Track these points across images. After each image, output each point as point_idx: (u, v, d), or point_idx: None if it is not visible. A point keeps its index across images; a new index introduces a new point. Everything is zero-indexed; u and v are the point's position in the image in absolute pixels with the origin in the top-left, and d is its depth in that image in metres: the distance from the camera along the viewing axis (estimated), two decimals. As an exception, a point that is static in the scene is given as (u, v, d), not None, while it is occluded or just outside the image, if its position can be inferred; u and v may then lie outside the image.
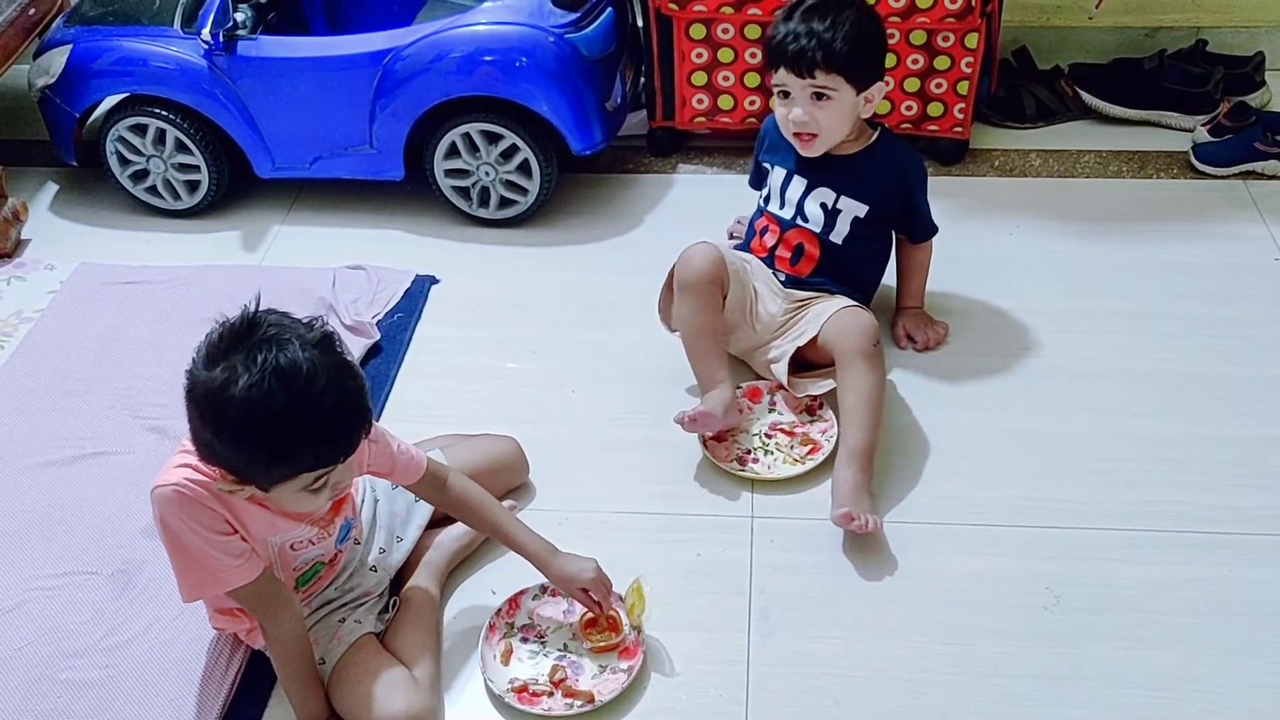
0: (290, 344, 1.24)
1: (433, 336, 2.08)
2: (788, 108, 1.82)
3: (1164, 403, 1.87)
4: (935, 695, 1.49)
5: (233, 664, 1.54)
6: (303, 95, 2.23)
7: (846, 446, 1.71)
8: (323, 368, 1.24)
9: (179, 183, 2.37)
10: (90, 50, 2.27)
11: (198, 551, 1.35)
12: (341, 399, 1.26)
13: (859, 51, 1.77)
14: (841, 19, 1.77)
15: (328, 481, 1.32)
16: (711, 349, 1.83)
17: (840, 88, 1.78)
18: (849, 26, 1.77)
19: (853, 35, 1.76)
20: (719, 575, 1.65)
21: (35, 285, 2.23)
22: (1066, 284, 2.11)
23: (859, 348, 1.77)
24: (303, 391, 1.23)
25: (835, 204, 1.87)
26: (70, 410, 1.95)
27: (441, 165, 2.27)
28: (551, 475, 1.79)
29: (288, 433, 1.24)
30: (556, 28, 2.16)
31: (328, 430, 1.27)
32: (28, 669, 1.55)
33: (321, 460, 1.29)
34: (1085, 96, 2.51)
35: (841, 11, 1.78)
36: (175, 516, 1.33)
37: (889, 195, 1.88)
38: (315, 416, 1.24)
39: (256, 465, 1.28)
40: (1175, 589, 1.60)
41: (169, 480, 1.34)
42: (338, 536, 1.52)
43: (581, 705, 1.48)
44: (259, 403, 1.21)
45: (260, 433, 1.24)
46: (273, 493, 1.31)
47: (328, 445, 1.28)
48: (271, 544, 1.43)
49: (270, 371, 1.22)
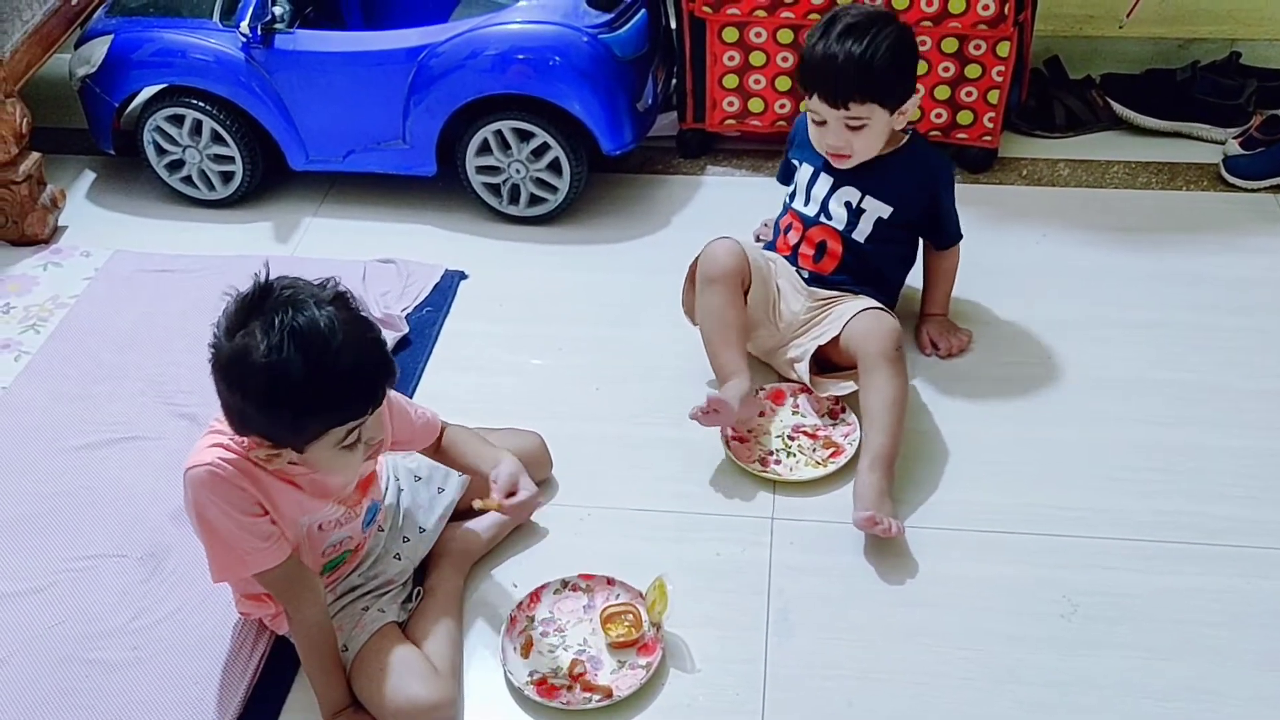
0: (306, 304, 1.27)
1: (461, 331, 2.11)
2: (822, 133, 1.84)
3: (1187, 414, 1.87)
4: (949, 700, 1.50)
5: (257, 649, 1.57)
6: (337, 89, 2.25)
7: (869, 450, 1.72)
8: (340, 324, 1.27)
9: (214, 173, 2.40)
10: (131, 41, 2.31)
11: (228, 533, 1.37)
12: (361, 352, 1.29)
13: (892, 78, 1.77)
14: (875, 43, 1.75)
15: (360, 437, 1.34)
16: (732, 341, 1.82)
17: (874, 114, 1.79)
18: (883, 52, 1.75)
19: (886, 62, 1.75)
20: (738, 575, 1.67)
21: (71, 271, 2.27)
22: (1092, 293, 2.11)
23: (882, 351, 1.77)
24: (322, 349, 1.25)
25: (860, 203, 1.88)
26: (103, 395, 1.98)
27: (473, 162, 2.29)
28: (574, 471, 1.81)
29: (313, 391, 1.26)
30: (590, 28, 2.18)
31: (351, 384, 1.29)
32: (57, 648, 1.58)
33: (349, 414, 1.31)
34: (1116, 107, 2.51)
35: (875, 35, 1.76)
36: (208, 497, 1.36)
37: (915, 198, 1.89)
38: (337, 372, 1.27)
39: (287, 426, 1.31)
40: (1191, 600, 1.60)
41: (202, 460, 1.37)
42: (365, 518, 1.54)
43: (600, 699, 1.50)
44: (281, 364, 1.24)
45: (286, 393, 1.26)
46: (309, 454, 1.34)
47: (353, 399, 1.31)
48: (300, 524, 1.45)
49: (288, 333, 1.25)
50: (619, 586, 1.62)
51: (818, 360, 1.86)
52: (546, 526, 1.75)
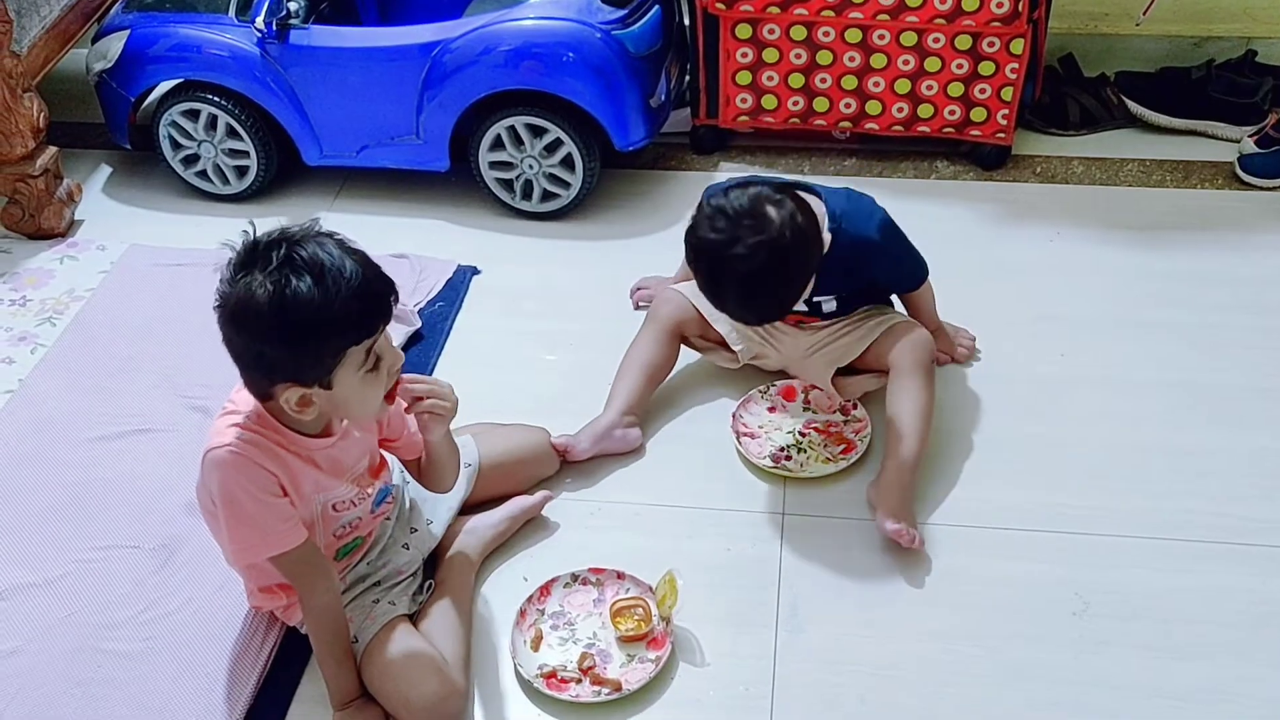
0: (296, 241, 1.30)
1: (473, 326, 2.11)
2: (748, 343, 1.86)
3: (1202, 413, 1.86)
4: (961, 697, 1.50)
5: (268, 640, 1.57)
6: (352, 85, 2.26)
7: (896, 457, 1.71)
8: (334, 245, 1.31)
9: (228, 168, 2.41)
10: (147, 36, 2.32)
11: (249, 513, 1.38)
12: (361, 266, 1.31)
13: (786, 301, 1.67)
14: (757, 280, 1.60)
15: (380, 361, 1.35)
16: (630, 376, 1.84)
17: (785, 322, 1.82)
18: (768, 292, 1.63)
19: (774, 299, 1.65)
20: (749, 570, 1.67)
21: (87, 265, 2.28)
22: (1106, 291, 2.10)
23: (918, 361, 1.78)
24: (322, 270, 1.28)
25: (810, 298, 1.80)
26: (117, 388, 1.99)
27: (486, 157, 2.29)
28: (585, 466, 1.81)
29: (326, 309, 1.28)
30: (604, 24, 2.18)
31: (361, 297, 1.30)
32: (70, 638, 1.59)
33: (365, 329, 1.32)
34: (1131, 105, 2.50)
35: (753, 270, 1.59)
36: (230, 478, 1.37)
37: (863, 284, 1.83)
38: (341, 285, 1.28)
39: (310, 354, 1.31)
40: (1205, 599, 1.60)
41: (222, 442, 1.38)
42: (375, 498, 1.56)
43: (609, 693, 1.50)
44: (291, 292, 1.27)
45: (302, 318, 1.28)
46: (337, 386, 1.34)
47: (366, 313, 1.32)
48: (315, 503, 1.46)
49: (286, 264, 1.27)
50: (629, 581, 1.63)
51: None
52: (557, 521, 1.75)
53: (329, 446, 1.45)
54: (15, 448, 1.88)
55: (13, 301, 2.19)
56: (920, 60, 2.28)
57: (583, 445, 1.78)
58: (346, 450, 1.48)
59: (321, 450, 1.44)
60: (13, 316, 2.16)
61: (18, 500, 1.79)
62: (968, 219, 2.29)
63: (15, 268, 2.28)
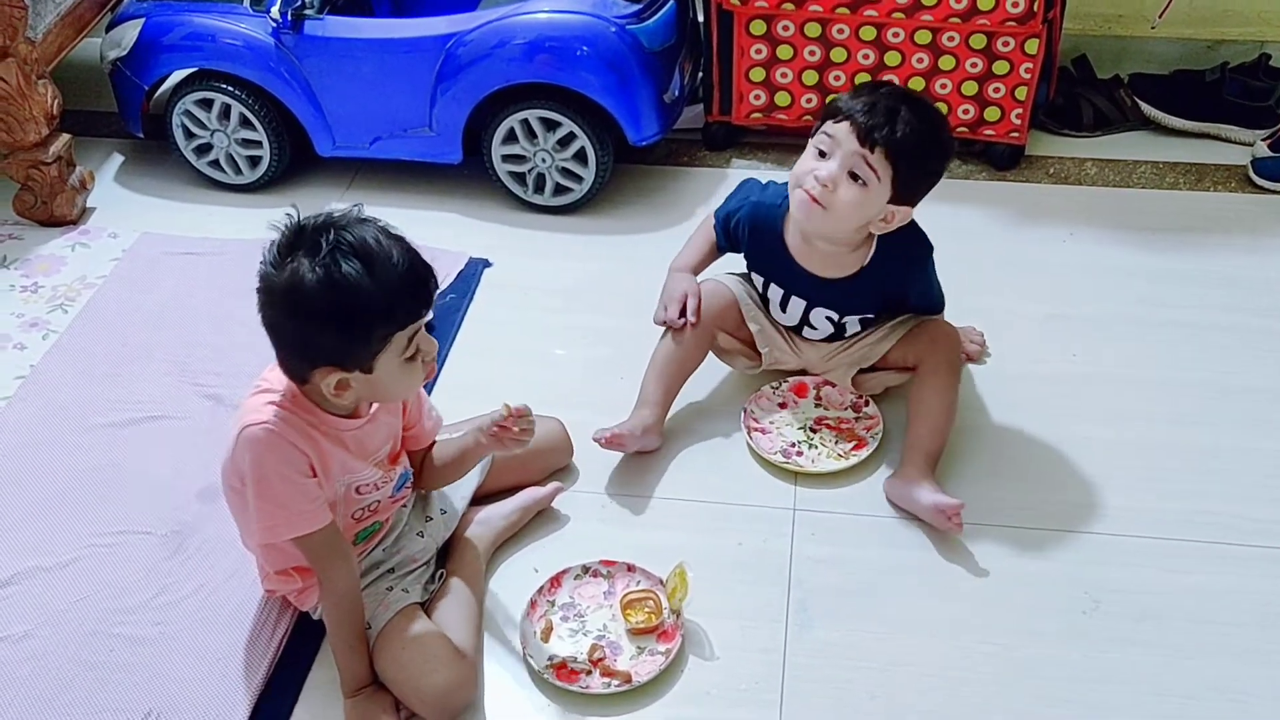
0: (343, 226, 1.32)
1: (484, 319, 2.11)
2: (817, 163, 1.66)
3: (1213, 414, 1.87)
4: (971, 693, 1.50)
5: (279, 627, 1.58)
6: (366, 76, 2.26)
7: (921, 449, 1.72)
8: (380, 233, 1.33)
9: (241, 158, 2.41)
10: (161, 25, 2.32)
11: (281, 492, 1.39)
12: (408, 255, 1.33)
13: (923, 165, 1.66)
14: (928, 126, 1.64)
15: (419, 349, 1.37)
16: (666, 376, 1.82)
17: (884, 180, 1.63)
18: (930, 136, 1.64)
19: (930, 148, 1.65)
20: (759, 565, 1.67)
21: (99, 252, 2.28)
22: (1118, 293, 2.11)
23: (948, 358, 1.79)
24: (371, 255, 1.30)
25: (840, 319, 1.82)
26: (129, 375, 1.99)
27: (499, 150, 2.29)
28: (596, 459, 1.81)
29: (374, 294, 1.29)
30: (619, 18, 2.18)
31: (407, 283, 1.33)
32: (83, 622, 1.60)
33: (410, 314, 1.34)
34: (1144, 107, 2.50)
35: (930, 123, 1.65)
36: (263, 456, 1.38)
37: (892, 299, 1.82)
38: (389, 271, 1.30)
39: (355, 339, 1.33)
40: (1216, 599, 1.60)
41: (258, 419, 1.38)
42: (396, 483, 1.56)
43: (619, 685, 1.50)
44: (340, 276, 1.28)
45: (350, 302, 1.29)
46: (378, 370, 1.35)
47: (412, 299, 1.34)
48: (340, 484, 1.47)
49: (335, 249, 1.29)
50: (640, 573, 1.63)
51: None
52: (568, 513, 1.75)
53: (358, 428, 1.46)
54: (27, 433, 1.89)
55: (24, 288, 2.19)
56: (935, 58, 2.28)
57: (633, 445, 1.77)
58: (374, 433, 1.49)
59: (350, 431, 1.45)
60: (24, 303, 2.16)
61: (30, 485, 1.80)
62: (980, 218, 2.29)
63: (27, 254, 2.28)
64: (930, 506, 1.66)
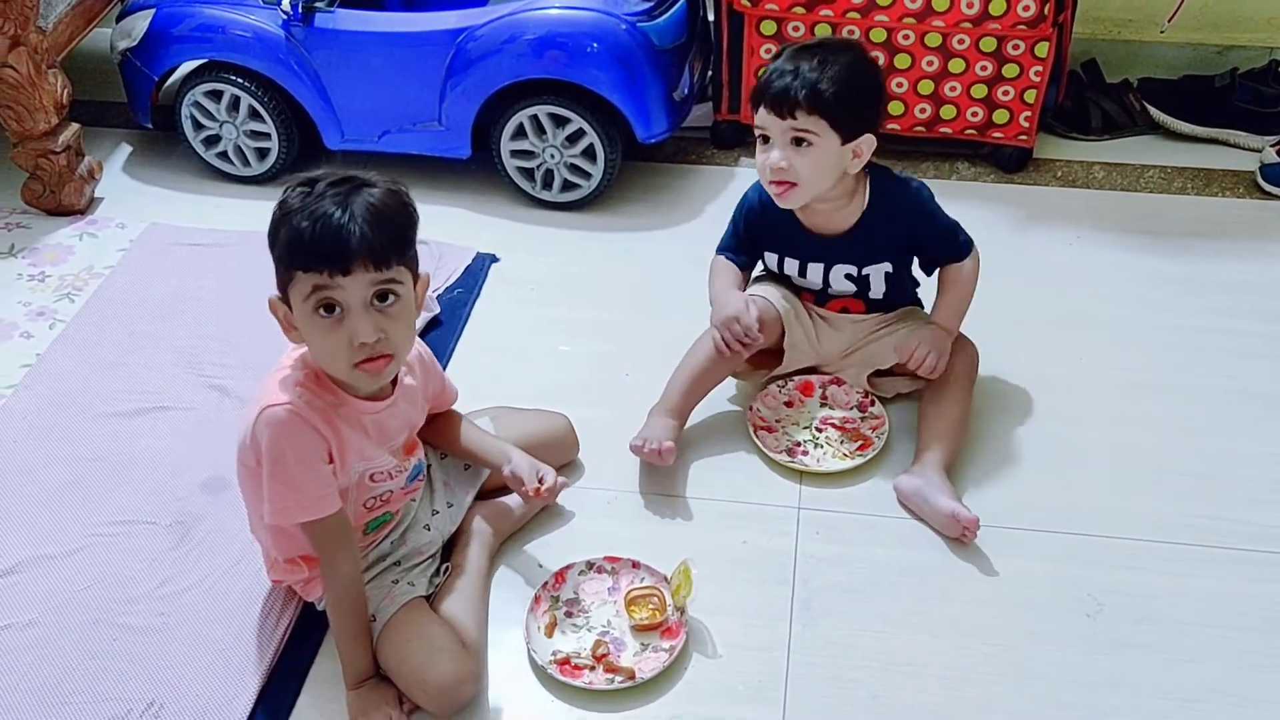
0: (370, 182, 1.37)
1: (491, 313, 2.11)
2: (766, 153, 1.71)
3: (1217, 419, 1.87)
4: (973, 694, 1.50)
5: (283, 618, 1.58)
6: (375, 69, 2.26)
7: (938, 454, 1.73)
8: (381, 189, 1.36)
9: (249, 149, 2.41)
10: (172, 16, 2.32)
11: (296, 476, 1.39)
12: (368, 213, 1.33)
13: (846, 95, 1.65)
14: (832, 61, 1.65)
15: (339, 314, 1.34)
16: (698, 393, 1.82)
17: (823, 133, 1.65)
18: (839, 69, 1.65)
19: (842, 78, 1.65)
20: (763, 564, 1.67)
21: (106, 242, 2.28)
22: (1124, 297, 2.11)
23: (967, 371, 1.80)
24: (339, 186, 1.34)
25: (861, 272, 1.83)
26: (135, 365, 1.99)
27: (508, 146, 2.30)
28: (602, 455, 1.81)
29: (294, 217, 1.33)
30: (629, 15, 2.18)
31: (326, 228, 1.31)
32: (87, 611, 1.60)
33: (312, 257, 1.32)
34: (1153, 111, 2.50)
35: (834, 54, 1.67)
36: (281, 437, 1.38)
37: (907, 241, 1.82)
38: (324, 213, 1.31)
39: (275, 256, 1.36)
40: (1218, 603, 1.60)
41: (279, 400, 1.39)
42: (409, 474, 1.56)
43: (622, 681, 1.50)
44: (288, 194, 1.36)
45: (277, 216, 1.36)
46: (295, 312, 1.37)
47: (322, 243, 1.32)
48: (354, 471, 1.47)
49: (334, 181, 1.35)
50: (644, 570, 1.63)
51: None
52: (573, 509, 1.75)
53: (377, 412, 1.46)
54: (33, 421, 1.89)
55: (32, 277, 2.20)
56: (944, 61, 2.28)
57: (670, 460, 1.76)
58: (393, 418, 1.49)
59: (371, 414, 1.46)
60: (31, 291, 2.16)
61: (36, 474, 1.80)
62: (988, 221, 2.29)
63: (35, 243, 2.28)
64: (948, 514, 1.66)
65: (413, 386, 1.54)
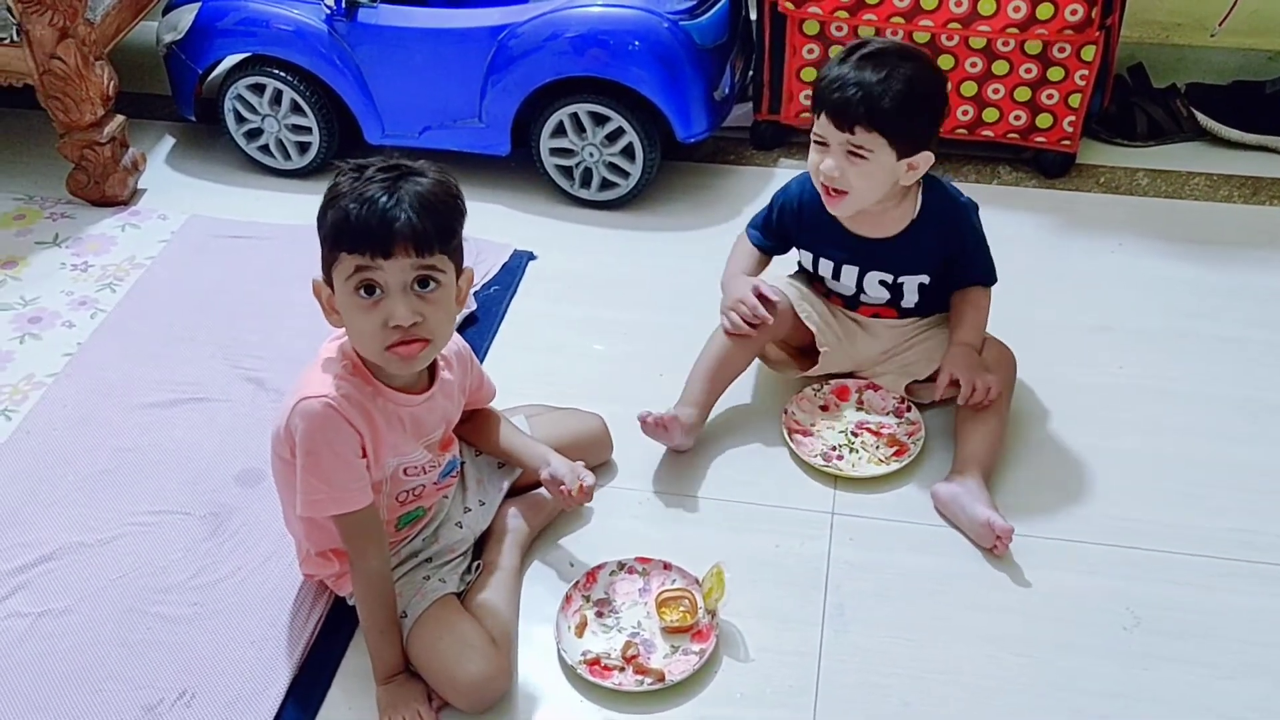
0: (419, 170, 1.38)
1: (527, 311, 2.11)
2: (821, 156, 1.70)
3: (1258, 431, 1.84)
4: (1005, 705, 1.49)
5: (314, 612, 1.58)
6: (417, 65, 2.27)
7: (978, 463, 1.71)
8: (431, 178, 1.37)
9: (291, 143, 2.43)
10: (217, 9, 2.34)
11: (329, 468, 1.40)
12: (416, 201, 1.34)
13: (907, 113, 1.62)
14: (896, 73, 1.62)
15: (375, 292, 1.35)
16: (716, 379, 1.81)
17: (879, 149, 1.64)
18: (902, 84, 1.61)
19: (904, 94, 1.61)
20: (796, 568, 1.66)
21: (148, 233, 2.30)
22: (1167, 305, 2.08)
23: (1008, 379, 1.79)
24: (390, 173, 1.35)
25: (896, 280, 1.81)
26: (173, 356, 2.01)
27: (547, 143, 2.29)
28: (634, 455, 1.81)
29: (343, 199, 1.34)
30: (672, 14, 2.18)
31: (373, 212, 1.32)
32: (121, 599, 1.61)
33: (359, 239, 1.33)
34: (1200, 117, 2.46)
35: (898, 65, 1.63)
36: (317, 430, 1.38)
37: (947, 255, 1.79)
38: (371, 197, 1.32)
39: (322, 238, 1.37)
40: (1259, 619, 1.57)
41: (317, 392, 1.39)
42: (443, 469, 1.57)
43: (652, 683, 1.50)
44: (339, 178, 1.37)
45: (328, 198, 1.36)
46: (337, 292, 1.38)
47: (369, 225, 1.32)
48: (389, 465, 1.47)
49: (390, 170, 1.36)
50: (675, 572, 1.62)
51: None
52: (606, 508, 1.75)
53: (415, 405, 1.47)
54: (72, 410, 1.91)
55: (74, 266, 2.22)
56: (988, 63, 2.26)
57: (676, 435, 1.76)
58: (430, 412, 1.50)
59: (408, 407, 1.46)
60: (74, 281, 2.18)
61: (75, 461, 1.82)
62: (1029, 226, 2.27)
63: (78, 233, 2.31)
64: (984, 522, 1.64)
65: (450, 381, 1.54)
